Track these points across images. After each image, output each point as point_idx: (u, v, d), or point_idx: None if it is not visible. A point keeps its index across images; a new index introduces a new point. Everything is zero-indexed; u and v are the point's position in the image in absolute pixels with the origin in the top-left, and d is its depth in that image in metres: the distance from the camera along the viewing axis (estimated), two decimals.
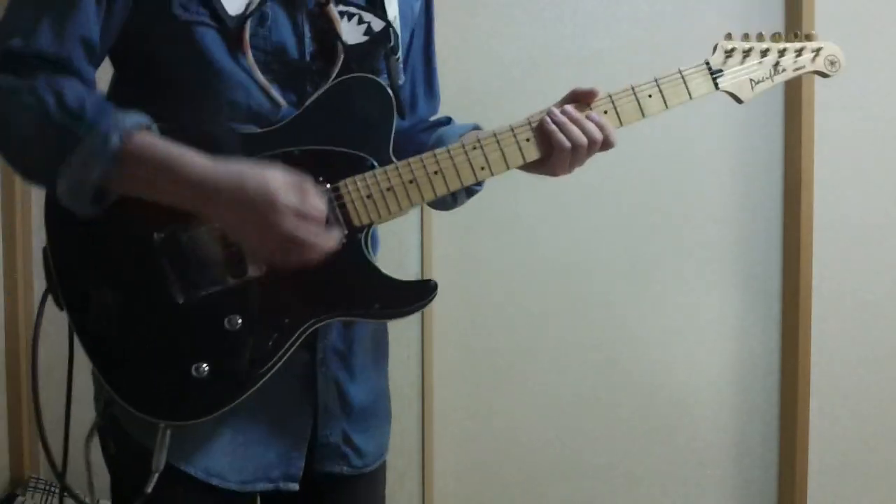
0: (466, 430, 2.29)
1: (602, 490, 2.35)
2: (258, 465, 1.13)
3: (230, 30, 1.05)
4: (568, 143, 1.12)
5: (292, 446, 1.16)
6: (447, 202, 1.28)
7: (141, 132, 0.99)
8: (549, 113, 1.13)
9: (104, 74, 1.14)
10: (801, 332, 2.28)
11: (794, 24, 2.21)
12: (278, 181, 0.98)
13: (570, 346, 2.31)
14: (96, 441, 1.14)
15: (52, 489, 2.09)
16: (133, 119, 0.99)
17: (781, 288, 2.34)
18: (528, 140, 1.14)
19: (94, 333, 1.05)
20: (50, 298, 1.09)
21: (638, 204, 2.27)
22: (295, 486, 1.16)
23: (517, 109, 1.50)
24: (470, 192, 1.29)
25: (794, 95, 2.26)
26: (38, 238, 2.15)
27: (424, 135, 1.29)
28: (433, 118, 1.35)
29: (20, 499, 2.05)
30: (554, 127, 1.12)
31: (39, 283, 2.15)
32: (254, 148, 1.05)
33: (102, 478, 1.17)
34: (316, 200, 1.01)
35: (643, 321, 2.32)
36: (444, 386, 2.30)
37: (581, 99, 1.16)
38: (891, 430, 2.39)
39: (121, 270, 1.04)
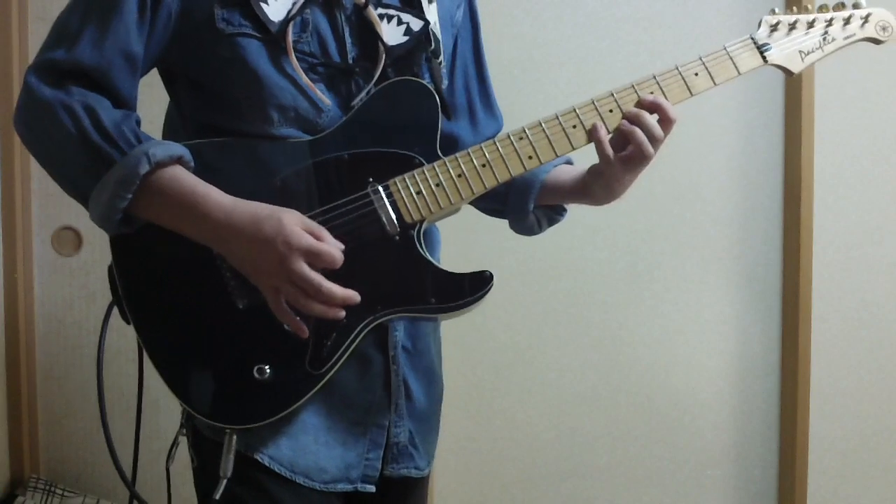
0: (466, 429, 2.29)
1: (602, 490, 2.35)
2: (339, 465, 1.15)
3: (273, 37, 1.07)
4: (643, 135, 1.11)
5: (371, 447, 1.18)
6: (533, 227, 1.31)
7: (172, 165, 1.02)
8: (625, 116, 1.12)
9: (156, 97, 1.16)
10: (801, 332, 2.29)
11: None
12: (294, 223, 1.00)
13: (570, 345, 2.31)
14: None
15: (52, 489, 2.09)
16: (166, 150, 1.01)
17: (781, 288, 2.34)
18: (574, 127, 1.13)
19: (158, 343, 1.07)
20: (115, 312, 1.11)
21: (638, 204, 2.27)
22: (372, 488, 1.17)
23: (517, 109, 1.51)
24: (551, 220, 1.32)
25: (794, 95, 2.26)
26: (39, 238, 2.15)
27: None
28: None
29: (20, 499, 2.04)
30: (631, 126, 1.12)
31: (39, 284, 2.15)
32: (305, 155, 1.08)
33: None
34: (331, 244, 1.01)
35: (643, 321, 2.32)
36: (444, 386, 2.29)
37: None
38: (891, 430, 2.39)
39: (183, 280, 1.07)
